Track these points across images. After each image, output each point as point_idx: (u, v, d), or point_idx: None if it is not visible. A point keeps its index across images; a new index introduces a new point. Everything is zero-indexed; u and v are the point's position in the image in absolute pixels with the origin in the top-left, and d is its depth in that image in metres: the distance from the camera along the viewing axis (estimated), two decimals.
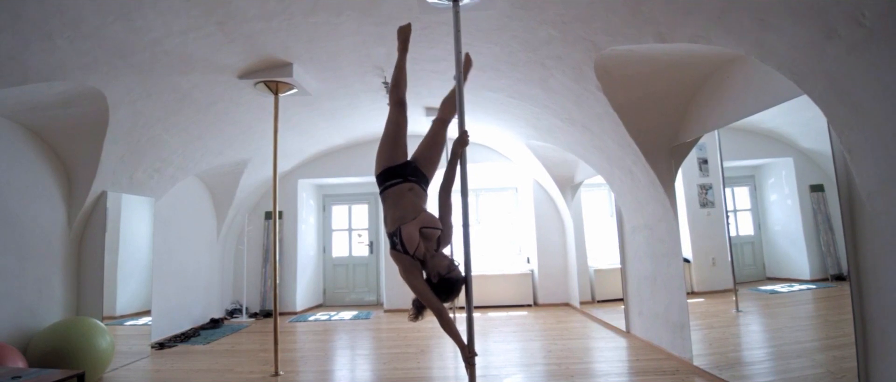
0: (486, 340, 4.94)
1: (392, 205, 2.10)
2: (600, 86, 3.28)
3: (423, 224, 2.02)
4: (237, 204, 6.22)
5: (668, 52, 2.94)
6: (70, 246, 3.72)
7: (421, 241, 2.00)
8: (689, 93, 3.43)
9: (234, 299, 6.46)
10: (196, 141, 4.52)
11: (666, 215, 3.82)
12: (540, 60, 3.36)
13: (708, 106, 3.35)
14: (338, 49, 3.57)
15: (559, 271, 6.59)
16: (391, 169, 2.14)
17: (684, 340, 3.71)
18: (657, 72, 3.19)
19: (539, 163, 5.81)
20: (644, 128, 3.57)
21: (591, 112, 3.71)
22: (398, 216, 2.06)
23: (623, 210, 4.66)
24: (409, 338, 4.99)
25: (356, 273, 7.39)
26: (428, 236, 2.03)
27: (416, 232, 2.00)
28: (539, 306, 6.62)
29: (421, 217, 2.04)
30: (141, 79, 3.29)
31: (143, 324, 4.72)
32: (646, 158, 3.67)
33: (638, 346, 4.29)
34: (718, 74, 3.20)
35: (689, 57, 3.01)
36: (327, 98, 4.63)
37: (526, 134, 5.25)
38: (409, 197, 2.09)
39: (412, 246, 1.99)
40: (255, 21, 2.97)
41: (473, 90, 4.29)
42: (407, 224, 2.02)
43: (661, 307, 4.04)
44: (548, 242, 6.63)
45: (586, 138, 4.24)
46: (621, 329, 4.83)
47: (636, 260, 4.50)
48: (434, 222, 2.05)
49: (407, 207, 2.07)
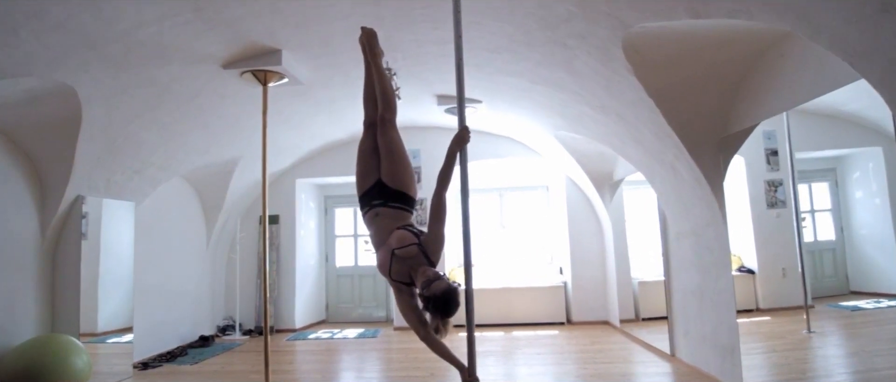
0: (510, 363, 4.99)
1: (371, 234, 2.32)
2: (631, 69, 3.27)
3: (393, 246, 2.16)
4: (228, 207, 6.43)
5: (713, 28, 2.91)
6: (43, 257, 3.95)
7: (394, 264, 2.15)
8: (739, 74, 3.38)
9: (226, 314, 6.68)
10: (178, 138, 4.71)
11: (714, 219, 3.78)
12: (560, 40, 3.37)
13: (763, 88, 3.29)
14: (330, 33, 3.67)
15: (596, 283, 6.56)
16: (362, 196, 2.37)
17: (734, 366, 3.67)
18: (700, 50, 3.15)
19: (571, 157, 5.80)
20: (686, 116, 3.54)
21: (624, 98, 3.70)
22: (375, 242, 2.28)
23: (667, 212, 4.62)
24: (421, 360, 5.07)
25: (363, 285, 7.53)
26: (403, 256, 2.15)
27: (386, 257, 2.17)
28: (573, 324, 6.60)
29: (390, 240, 2.19)
30: (114, 72, 3.45)
31: (126, 342, 4.94)
32: (689, 152, 3.63)
33: (683, 372, 4.25)
34: (774, 51, 3.15)
35: (737, 32, 2.97)
36: (322, 87, 4.74)
37: (553, 124, 5.25)
38: (378, 223, 2.27)
39: (385, 270, 2.19)
40: (234, 5, 3.09)
41: (488, 74, 4.33)
42: (380, 249, 2.23)
43: (709, 326, 4.00)
44: (583, 250, 6.60)
45: (621, 128, 4.22)
46: (665, 352, 4.79)
47: (682, 272, 4.46)
48: (405, 241, 2.17)
49: (378, 232, 2.25)
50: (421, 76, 4.61)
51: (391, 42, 3.82)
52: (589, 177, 6.03)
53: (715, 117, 3.59)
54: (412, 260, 2.17)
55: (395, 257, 2.16)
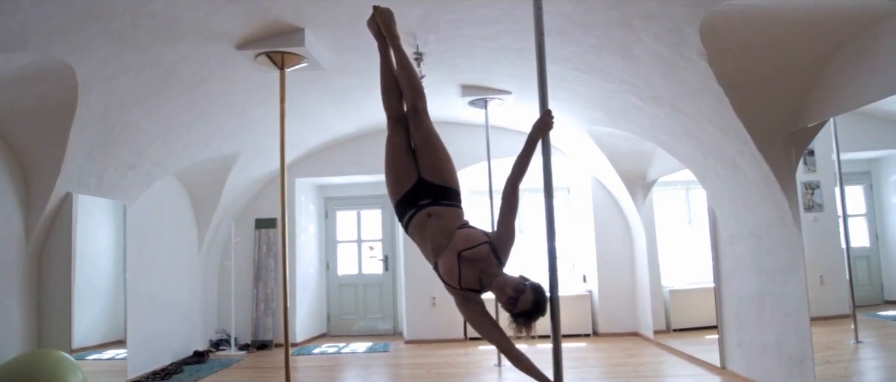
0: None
1: (420, 241, 2.10)
2: (705, 54, 3.11)
3: (459, 248, 1.98)
4: (222, 209, 6.14)
5: (802, 6, 2.77)
6: (29, 262, 3.63)
7: (463, 269, 1.97)
8: (821, 61, 3.24)
9: (220, 327, 6.37)
10: (179, 128, 4.43)
11: (782, 219, 3.65)
12: (626, 20, 3.20)
13: (846, 77, 3.16)
14: (362, 10, 3.40)
15: (625, 292, 6.41)
16: (401, 200, 2.12)
17: (805, 377, 3.53)
18: (782, 34, 3.01)
19: (603, 155, 5.65)
20: (757, 107, 3.40)
21: (686, 87, 3.55)
22: (431, 249, 2.05)
23: (718, 213, 4.48)
24: (444, 376, 4.85)
25: (368, 295, 7.27)
26: (472, 258, 1.97)
27: (453, 262, 1.98)
28: (600, 336, 6.44)
29: (455, 241, 2.00)
30: (119, 50, 3.19)
31: (108, 359, 4.64)
32: (756, 146, 3.49)
33: None
34: (865, 35, 3.01)
35: (827, 12, 2.83)
36: (339, 74, 4.52)
37: (589, 117, 5.09)
38: (433, 224, 2.06)
39: (454, 279, 1.98)
40: None
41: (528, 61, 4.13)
42: (442, 255, 2.01)
43: (773, 335, 3.86)
44: (611, 256, 6.45)
45: (674, 122, 4.07)
46: (714, 365, 4.64)
47: (736, 278, 4.32)
48: (473, 240, 2.00)
49: (434, 236, 2.04)
50: (451, 62, 4.41)
51: (428, 21, 3.63)
52: (620, 176, 5.88)
53: (788, 108, 3.46)
54: (482, 261, 2.00)
55: (463, 260, 1.98)
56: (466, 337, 6.43)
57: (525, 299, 1.95)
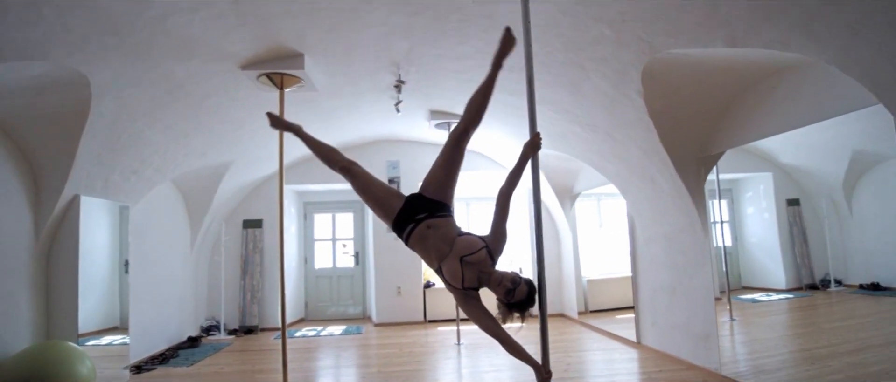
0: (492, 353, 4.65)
1: (422, 250, 1.92)
2: (642, 92, 3.11)
3: (461, 253, 1.84)
4: (213, 211, 5.63)
5: (720, 57, 2.81)
6: (38, 259, 3.11)
7: (465, 271, 1.84)
8: (727, 103, 3.33)
9: (209, 315, 5.83)
10: (181, 139, 3.99)
11: (692, 225, 3.71)
12: (579, 62, 3.15)
13: (743, 118, 3.26)
14: (357, 41, 3.22)
15: (554, 281, 6.42)
16: (398, 218, 1.93)
17: (710, 351, 3.60)
18: (702, 79, 3.06)
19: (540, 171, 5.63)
20: (677, 137, 3.44)
21: (622, 118, 3.55)
22: (435, 256, 1.89)
23: (637, 220, 4.54)
24: (414, 354, 4.63)
25: (341, 285, 6.90)
26: (472, 262, 1.85)
27: (457, 266, 1.84)
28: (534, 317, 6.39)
29: (456, 247, 1.86)
30: (133, 63, 2.80)
31: (107, 345, 4.11)
32: (675, 167, 3.53)
33: (654, 357, 4.15)
34: (761, 85, 3.11)
35: (739, 62, 2.89)
36: (329, 96, 4.23)
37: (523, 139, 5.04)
38: (433, 235, 1.89)
39: (458, 281, 1.84)
40: (273, 2, 2.59)
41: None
42: (445, 260, 1.86)
43: (682, 318, 3.92)
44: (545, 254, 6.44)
45: (607, 146, 4.08)
46: (631, 340, 4.68)
47: (651, 271, 4.38)
48: (472, 246, 1.87)
49: (437, 245, 1.88)
50: (425, 90, 4.23)
51: (412, 54, 3.45)
52: (553, 189, 5.89)
53: (700, 138, 3.53)
54: (481, 263, 1.87)
55: (466, 264, 1.83)
56: (426, 320, 6.22)
57: (520, 291, 1.84)
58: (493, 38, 3.10)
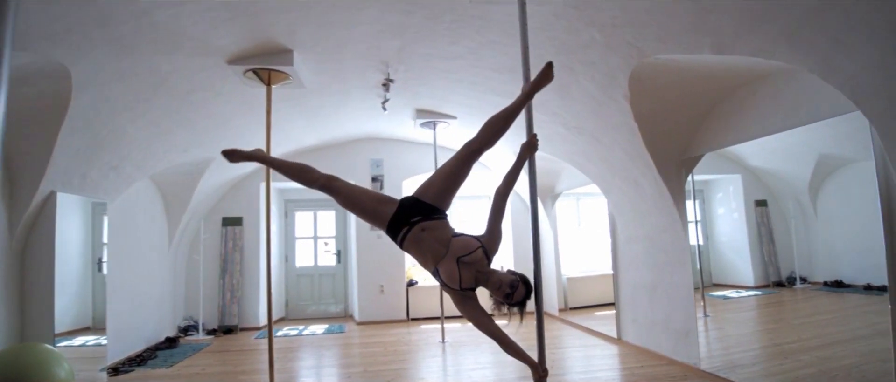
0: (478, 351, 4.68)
1: (417, 253, 1.91)
2: (628, 96, 3.18)
3: (457, 254, 1.85)
4: (192, 208, 5.48)
5: (704, 63, 2.90)
6: (12, 258, 2.97)
7: (462, 271, 1.84)
8: (708, 107, 3.43)
9: (187, 314, 5.67)
10: (163, 134, 3.87)
11: (673, 226, 3.81)
12: (569, 65, 3.19)
13: (723, 122, 3.36)
14: (348, 38, 3.19)
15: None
16: (391, 223, 1.91)
17: (690, 346, 3.71)
18: (685, 83, 3.14)
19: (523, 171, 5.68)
20: (660, 140, 3.53)
21: (608, 121, 3.61)
22: (431, 258, 1.88)
23: (618, 220, 4.64)
24: (399, 352, 4.62)
25: (322, 283, 6.82)
26: (469, 262, 1.86)
27: (453, 266, 1.84)
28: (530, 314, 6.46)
29: (452, 248, 1.86)
30: (117, 56, 2.70)
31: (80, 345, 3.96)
32: (657, 169, 3.63)
33: (635, 353, 4.25)
34: (741, 91, 3.22)
35: (722, 69, 2.99)
36: (317, 93, 4.17)
37: (517, 141, 5.08)
38: (428, 237, 1.88)
39: (455, 282, 1.84)
40: None
41: (480, 92, 4.07)
42: (442, 262, 1.86)
43: (662, 314, 4.03)
44: (524, 251, 6.52)
45: (591, 148, 4.15)
46: (611, 336, 4.79)
47: (632, 270, 4.48)
48: (468, 246, 1.87)
49: (432, 247, 1.88)
50: (413, 89, 4.22)
51: (403, 53, 3.43)
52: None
53: (682, 142, 3.63)
54: (477, 263, 1.88)
55: (463, 265, 1.84)
56: (409, 318, 6.21)
57: (519, 292, 1.87)
58: (486, 39, 3.15)
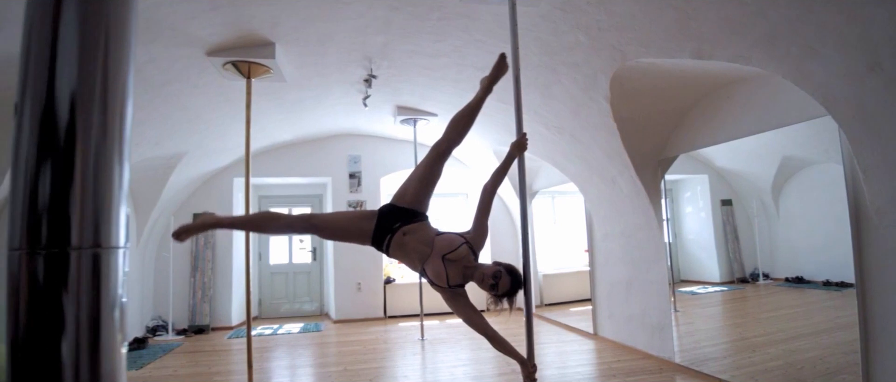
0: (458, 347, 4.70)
1: (403, 256, 1.91)
2: (609, 97, 3.25)
3: (441, 252, 1.85)
4: (162, 204, 5.27)
5: (682, 67, 2.99)
6: None
7: (448, 269, 1.84)
8: (685, 110, 3.53)
9: (156, 314, 5.46)
10: (135, 127, 3.69)
11: (649, 223, 3.92)
12: (552, 66, 3.23)
13: (699, 124, 3.48)
14: (332, 32, 3.14)
15: None
16: (375, 235, 1.91)
17: (665, 341, 3.82)
18: (662, 86, 3.23)
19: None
20: (638, 140, 3.62)
21: (587, 122, 3.68)
22: (417, 259, 1.88)
23: (595, 217, 4.73)
24: (378, 350, 4.58)
25: (297, 281, 6.68)
26: (454, 259, 1.85)
27: (439, 265, 1.84)
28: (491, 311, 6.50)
29: (437, 247, 1.86)
30: None
31: None
32: (634, 169, 3.72)
33: (611, 348, 4.35)
34: (715, 94, 3.33)
35: (694, 74, 3.08)
36: (297, 88, 4.08)
37: (497, 139, 5.13)
38: (411, 239, 1.89)
39: (442, 280, 1.84)
40: None
41: (462, 90, 4.06)
42: (428, 261, 1.85)
43: (638, 309, 4.13)
44: (501, 248, 6.57)
45: (571, 148, 4.22)
46: (588, 332, 4.88)
47: (608, 266, 4.58)
48: (452, 244, 1.87)
49: (417, 248, 1.87)
50: (394, 85, 4.19)
51: (386, 49, 3.40)
52: (512, 186, 6.01)
53: (659, 142, 3.73)
54: (463, 259, 1.87)
55: (448, 262, 1.83)
56: (387, 316, 6.17)
57: (503, 283, 1.86)
58: (472, 38, 3.14)
